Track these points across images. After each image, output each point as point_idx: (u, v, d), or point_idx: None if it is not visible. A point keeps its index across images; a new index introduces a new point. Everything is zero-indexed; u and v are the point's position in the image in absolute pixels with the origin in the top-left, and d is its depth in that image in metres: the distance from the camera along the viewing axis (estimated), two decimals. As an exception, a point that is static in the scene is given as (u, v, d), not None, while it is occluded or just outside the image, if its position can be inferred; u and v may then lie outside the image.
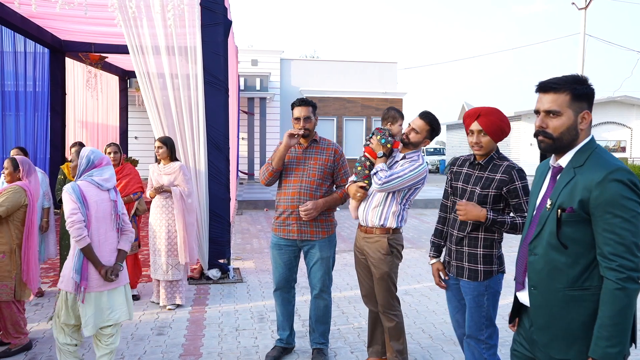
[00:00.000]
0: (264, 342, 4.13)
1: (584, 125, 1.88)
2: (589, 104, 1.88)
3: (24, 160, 4.02)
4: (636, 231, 1.74)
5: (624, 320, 1.73)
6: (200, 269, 5.82)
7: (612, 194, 1.74)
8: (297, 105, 3.64)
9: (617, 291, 1.72)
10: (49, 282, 5.63)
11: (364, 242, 3.40)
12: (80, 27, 8.87)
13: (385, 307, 3.37)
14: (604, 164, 1.81)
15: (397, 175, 3.20)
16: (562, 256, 1.86)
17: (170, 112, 5.68)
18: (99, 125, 12.71)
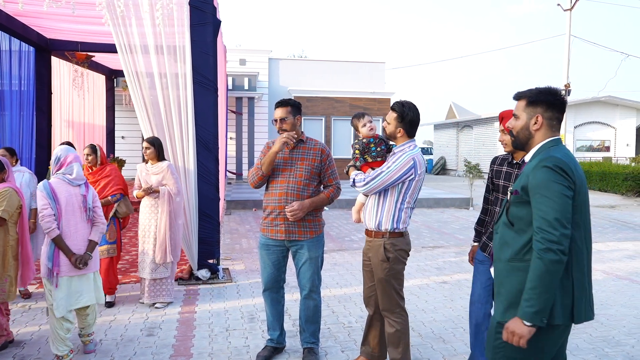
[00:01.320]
0: (254, 342, 4.13)
1: (536, 127, 2.23)
2: (544, 109, 2.22)
3: (6, 162, 4.00)
4: (559, 209, 2.02)
5: (541, 285, 2.00)
6: (189, 270, 5.81)
7: (541, 178, 2.07)
8: (276, 107, 3.69)
9: (538, 260, 2.02)
10: (36, 284, 5.57)
11: (367, 245, 3.41)
12: (66, 25, 8.77)
13: (386, 310, 3.35)
14: (542, 155, 2.15)
15: (377, 173, 3.17)
16: (509, 232, 2.21)
17: (159, 111, 5.65)
18: (85, 125, 12.58)
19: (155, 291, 4.92)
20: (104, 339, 4.13)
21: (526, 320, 2.02)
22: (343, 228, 9.60)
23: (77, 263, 3.57)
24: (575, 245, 2.10)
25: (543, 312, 2.01)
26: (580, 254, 2.12)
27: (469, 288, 5.76)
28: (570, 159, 2.13)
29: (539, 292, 2.00)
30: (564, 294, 2.08)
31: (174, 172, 5.01)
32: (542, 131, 2.22)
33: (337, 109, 18.78)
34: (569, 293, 2.09)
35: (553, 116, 2.22)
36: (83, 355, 3.81)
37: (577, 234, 2.10)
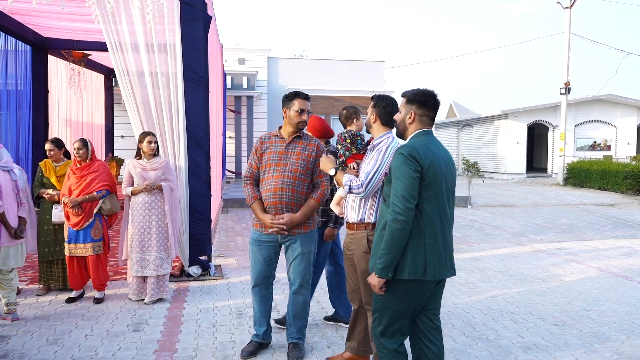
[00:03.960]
0: (240, 337, 4.11)
1: (409, 121, 2.77)
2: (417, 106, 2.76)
3: None
4: (405, 187, 2.55)
5: (388, 247, 2.58)
6: (180, 266, 5.79)
7: (396, 162, 2.63)
8: (302, 98, 3.63)
9: (387, 227, 2.59)
10: (27, 280, 5.57)
11: (348, 238, 3.38)
12: (62, 23, 8.77)
13: (367, 304, 3.33)
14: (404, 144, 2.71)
15: (371, 175, 3.10)
16: (383, 206, 2.78)
17: (150, 109, 5.65)
18: (83, 124, 12.60)
19: (158, 288, 4.93)
20: (90, 334, 4.12)
21: (377, 273, 2.63)
22: (339, 226, 9.57)
23: (17, 234, 4.34)
24: (427, 216, 2.60)
25: (389, 268, 2.59)
26: (432, 224, 2.61)
27: (461, 285, 5.75)
28: (423, 147, 2.62)
29: (386, 252, 2.58)
30: (415, 256, 2.60)
31: (171, 167, 5.10)
32: (414, 124, 2.75)
33: (336, 107, 18.75)
34: (421, 255, 2.60)
35: (424, 113, 2.75)
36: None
37: (429, 207, 2.60)
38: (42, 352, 3.76)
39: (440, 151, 2.69)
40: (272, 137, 3.73)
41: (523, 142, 23.03)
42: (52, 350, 3.80)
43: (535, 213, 12.18)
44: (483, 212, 12.30)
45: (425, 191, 2.58)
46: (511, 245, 8.18)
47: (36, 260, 5.64)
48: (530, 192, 17.22)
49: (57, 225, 5.03)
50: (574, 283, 5.90)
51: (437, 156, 2.65)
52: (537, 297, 5.33)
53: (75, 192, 4.84)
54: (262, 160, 3.67)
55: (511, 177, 22.79)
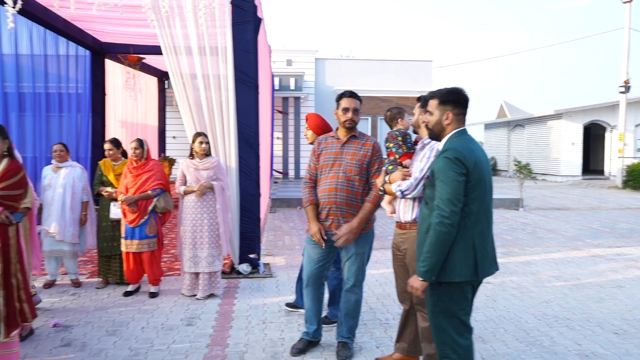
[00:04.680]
0: (290, 334, 4.16)
1: (447, 122, 2.73)
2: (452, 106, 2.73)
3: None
4: (451, 191, 2.53)
5: (432, 251, 2.56)
6: (230, 264, 5.92)
7: (440, 165, 2.60)
8: (347, 97, 3.63)
9: (432, 230, 2.57)
10: (87, 274, 5.84)
11: (399, 238, 3.36)
12: (118, 28, 9.14)
13: (419, 305, 3.29)
14: (446, 146, 2.68)
15: (422, 175, 3.10)
16: (425, 209, 2.75)
17: (202, 111, 5.80)
18: (138, 125, 13.06)
19: (210, 284, 5.06)
20: (146, 326, 4.28)
21: (420, 276, 2.62)
22: (387, 227, 9.51)
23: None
24: (475, 216, 2.60)
25: (432, 271, 2.58)
26: (480, 223, 2.62)
27: (513, 289, 5.59)
28: (466, 149, 2.61)
29: (430, 255, 2.56)
30: (466, 257, 2.59)
31: (222, 167, 5.22)
32: (452, 125, 2.73)
33: (383, 108, 18.63)
34: (471, 256, 2.59)
35: (460, 112, 2.74)
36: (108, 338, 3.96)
37: (475, 207, 2.60)
38: (102, 342, 3.93)
39: (478, 149, 2.69)
40: (329, 137, 3.75)
41: (579, 143, 22.12)
42: (111, 340, 3.97)
43: (592, 217, 11.69)
44: (535, 215, 11.91)
45: (471, 192, 2.58)
46: (566, 249, 7.88)
47: (95, 254, 5.90)
48: (586, 195, 16.54)
49: (115, 222, 5.24)
50: (634, 290, 5.62)
51: (479, 155, 2.65)
52: (594, 304, 5.11)
53: (132, 190, 5.03)
54: (319, 161, 3.69)
55: (565, 179, 21.95)
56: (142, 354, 3.74)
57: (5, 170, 3.40)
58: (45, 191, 5.29)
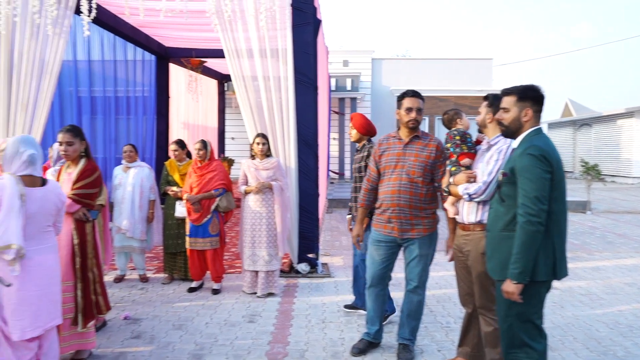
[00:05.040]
0: (349, 335, 4.16)
1: (526, 119, 2.69)
2: (532, 103, 2.68)
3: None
4: (538, 188, 2.49)
5: (523, 251, 2.51)
6: (289, 263, 5.99)
7: (526, 163, 2.55)
8: (410, 96, 3.58)
9: (520, 230, 2.52)
10: (153, 270, 6.09)
11: (462, 239, 3.29)
12: (181, 33, 9.48)
13: (482, 308, 3.22)
14: (527, 143, 2.62)
15: (490, 178, 3.03)
16: (501, 207, 2.71)
17: (263, 112, 5.91)
18: (199, 127, 13.48)
19: (268, 283, 5.15)
20: (209, 322, 4.41)
21: (513, 279, 2.54)
22: (447, 228, 9.31)
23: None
24: (555, 216, 2.56)
25: (526, 272, 2.52)
26: (559, 223, 2.59)
27: (582, 295, 5.34)
28: (549, 147, 2.59)
29: (522, 256, 2.51)
30: (546, 257, 2.56)
31: (282, 168, 5.29)
32: (530, 122, 2.68)
33: (441, 108, 18.28)
34: (550, 255, 2.57)
35: (538, 109, 2.70)
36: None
37: (556, 206, 2.56)
38: (169, 336, 4.09)
39: (555, 148, 2.67)
40: (390, 138, 3.71)
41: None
42: (178, 334, 4.12)
43: (668, 221, 10.97)
44: (604, 218, 11.32)
45: (553, 191, 2.54)
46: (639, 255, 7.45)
47: (161, 251, 6.15)
48: (661, 198, 15.54)
49: (180, 220, 5.43)
50: None
51: (558, 154, 2.63)
52: (673, 313, 4.80)
53: (196, 189, 5.20)
54: (381, 163, 3.65)
55: (637, 181, 20.73)
56: (207, 348, 3.86)
57: (82, 171, 3.61)
58: (116, 190, 5.56)
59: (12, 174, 2.87)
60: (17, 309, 2.82)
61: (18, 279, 2.81)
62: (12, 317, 2.80)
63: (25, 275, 2.84)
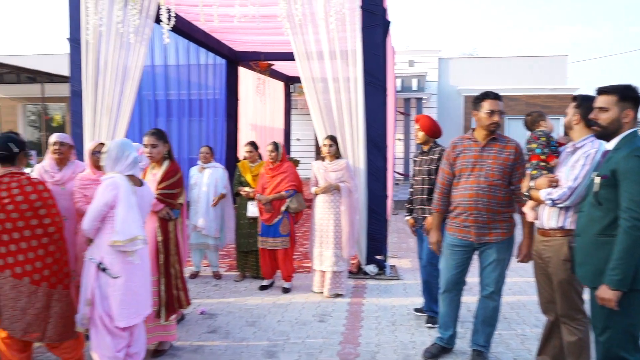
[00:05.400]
0: (420, 338, 4.13)
1: (626, 120, 2.58)
2: (633, 104, 2.59)
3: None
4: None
5: (626, 257, 2.41)
6: (357, 264, 6.01)
7: (632, 165, 2.45)
8: (492, 98, 3.47)
9: (624, 234, 2.42)
10: (225, 267, 6.30)
11: (542, 245, 3.17)
12: (250, 38, 9.75)
13: (564, 317, 3.10)
14: (630, 145, 2.53)
15: (579, 178, 2.90)
16: (597, 211, 2.59)
17: (332, 113, 5.97)
18: (266, 128, 13.80)
19: (334, 283, 5.19)
20: (281, 320, 4.51)
21: (612, 286, 2.44)
22: (518, 233, 9.00)
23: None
24: None
25: (626, 279, 2.42)
26: None
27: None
28: None
29: (623, 262, 2.41)
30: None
31: (351, 170, 5.30)
32: (630, 124, 2.59)
33: (511, 107, 17.67)
34: None
35: (637, 111, 2.62)
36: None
37: None
38: (243, 332, 4.23)
39: None
40: (465, 140, 3.63)
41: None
42: (251, 331, 4.25)
43: None
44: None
45: None
46: None
47: (232, 249, 6.35)
48: None
49: (252, 220, 5.59)
50: None
51: None
52: None
53: (267, 190, 5.33)
54: (456, 165, 3.58)
55: None
56: (280, 345, 3.96)
57: (166, 172, 3.80)
58: (192, 190, 5.81)
59: (120, 174, 3.12)
60: (124, 298, 3.06)
61: (125, 270, 3.07)
62: (119, 306, 3.05)
63: (130, 267, 3.10)
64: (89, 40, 5.96)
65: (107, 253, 3.05)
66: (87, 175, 3.90)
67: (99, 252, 3.06)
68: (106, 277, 3.03)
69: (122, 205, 3.02)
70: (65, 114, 18.39)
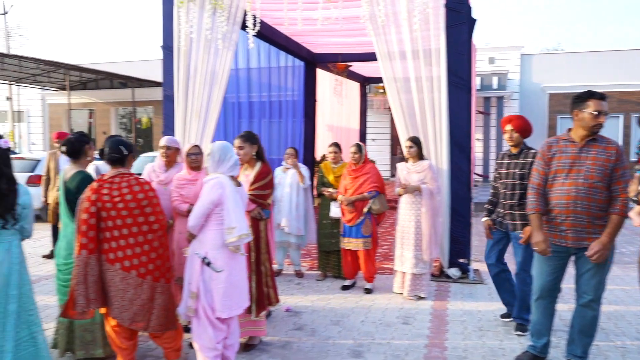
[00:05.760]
0: (510, 345, 4.00)
1: None
2: None
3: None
4: None
5: None
6: (439, 267, 5.91)
7: None
8: (598, 98, 3.30)
9: None
10: (306, 266, 6.41)
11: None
12: (328, 40, 9.86)
13: None
14: None
15: None
16: None
17: (414, 114, 5.91)
18: (341, 129, 13.89)
19: (414, 285, 5.15)
20: (365, 320, 4.54)
21: None
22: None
23: None
24: None
25: None
26: None
27: None
28: None
29: None
30: None
31: (434, 171, 5.21)
32: None
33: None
34: None
35: None
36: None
37: None
38: (328, 330, 4.29)
39: None
40: (561, 140, 3.47)
41: None
42: (336, 330, 4.31)
43: None
44: None
45: None
46: None
47: (312, 249, 6.46)
48: None
49: (334, 220, 5.66)
50: None
51: None
52: None
53: (350, 191, 5.37)
54: (551, 166, 3.44)
55: None
56: (365, 345, 3.98)
57: (259, 173, 3.95)
58: (275, 189, 5.96)
59: (223, 174, 3.32)
60: (227, 291, 3.25)
61: (228, 264, 3.27)
62: (222, 298, 3.24)
63: (232, 261, 3.30)
64: (181, 47, 6.28)
65: (211, 248, 3.25)
66: (183, 176, 4.13)
67: (203, 247, 3.26)
68: (210, 271, 3.22)
69: (230, 204, 3.21)
70: (152, 117, 19.50)
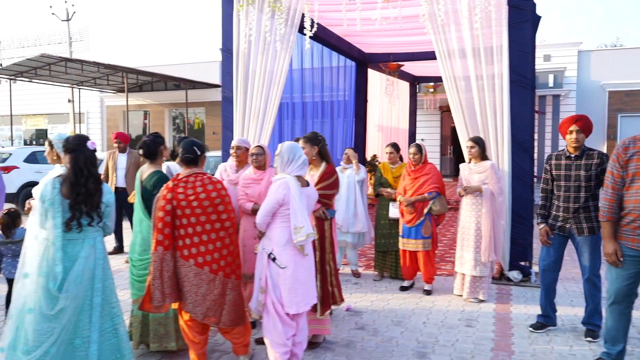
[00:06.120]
0: (580, 351, 3.88)
1: None
2: None
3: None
4: None
5: None
6: (500, 269, 5.79)
7: None
8: None
9: None
10: (363, 266, 6.42)
11: None
12: (380, 39, 9.82)
13: None
14: None
15: None
16: None
17: (475, 113, 5.80)
18: (391, 129, 13.81)
19: (474, 287, 5.07)
20: (426, 322, 4.51)
21: None
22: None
23: None
24: None
25: None
26: None
27: None
28: None
29: None
30: None
31: (497, 171, 5.09)
32: None
33: (665, 103, 15.85)
34: None
35: None
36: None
37: None
38: (391, 331, 4.29)
39: None
40: (637, 141, 3.35)
41: None
42: (398, 330, 4.30)
43: None
44: None
45: None
46: None
47: (367, 249, 6.45)
48: None
49: (393, 220, 5.64)
50: None
51: None
52: None
53: (409, 192, 5.34)
54: (628, 169, 3.33)
55: None
56: (430, 347, 3.96)
57: (323, 173, 4.00)
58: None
59: (289, 175, 3.39)
60: (292, 287, 3.32)
61: (292, 261, 3.33)
62: (289, 294, 3.31)
63: (297, 259, 3.36)
64: (240, 49, 6.41)
65: (277, 245, 3.34)
66: (249, 175, 4.23)
67: (270, 244, 3.35)
68: (276, 267, 3.29)
69: (296, 204, 3.27)
70: (204, 118, 19.97)
